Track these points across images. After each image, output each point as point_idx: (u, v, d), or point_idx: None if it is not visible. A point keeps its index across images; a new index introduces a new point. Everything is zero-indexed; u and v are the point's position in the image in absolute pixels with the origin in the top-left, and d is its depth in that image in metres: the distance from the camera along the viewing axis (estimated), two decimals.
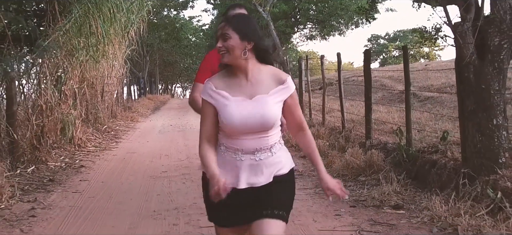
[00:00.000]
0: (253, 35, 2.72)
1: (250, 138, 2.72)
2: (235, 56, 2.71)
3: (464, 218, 4.99)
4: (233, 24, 2.73)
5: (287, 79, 2.79)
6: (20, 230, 5.45)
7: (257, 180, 2.74)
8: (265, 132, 2.73)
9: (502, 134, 5.84)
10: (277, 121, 2.75)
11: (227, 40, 2.69)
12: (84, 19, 11.51)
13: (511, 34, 5.81)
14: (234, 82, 2.76)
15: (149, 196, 7.05)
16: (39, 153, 9.58)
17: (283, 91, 2.77)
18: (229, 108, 2.70)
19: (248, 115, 2.68)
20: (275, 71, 2.82)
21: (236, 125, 2.68)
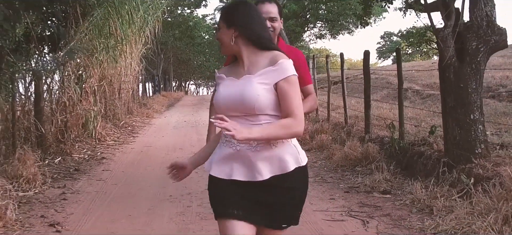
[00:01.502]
0: (238, 21, 2.67)
1: (241, 121, 2.58)
2: (226, 45, 2.72)
3: (440, 201, 5.73)
4: (222, 13, 2.76)
5: (281, 60, 2.63)
6: (55, 210, 6.27)
7: (254, 175, 2.62)
8: (255, 117, 2.60)
9: (478, 128, 6.58)
10: (261, 102, 2.57)
11: (219, 31, 2.73)
12: (104, 21, 12.36)
13: (487, 39, 6.54)
14: (236, 68, 2.75)
15: (165, 183, 7.83)
16: (64, 146, 10.42)
17: (273, 73, 2.60)
18: (219, 87, 2.74)
19: (231, 94, 2.63)
20: (274, 54, 2.67)
21: (220, 104, 2.68)
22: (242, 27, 2.66)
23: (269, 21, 3.51)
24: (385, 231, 5.23)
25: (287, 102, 2.59)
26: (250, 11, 2.71)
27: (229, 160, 2.64)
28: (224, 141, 2.68)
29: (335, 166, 8.60)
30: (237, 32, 2.67)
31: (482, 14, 6.55)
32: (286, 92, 2.59)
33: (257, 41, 2.68)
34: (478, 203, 5.10)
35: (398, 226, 5.36)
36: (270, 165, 2.60)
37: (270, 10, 3.58)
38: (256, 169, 2.60)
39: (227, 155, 2.65)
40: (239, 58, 2.73)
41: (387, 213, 5.82)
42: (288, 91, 2.59)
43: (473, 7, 6.60)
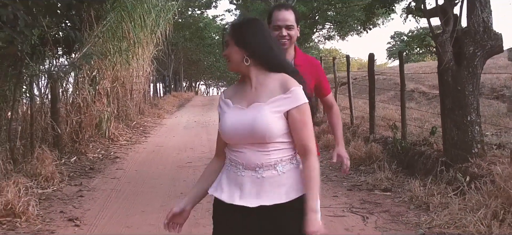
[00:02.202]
0: (250, 40, 2.56)
1: (249, 150, 2.52)
2: (235, 63, 2.60)
3: (436, 198, 6.06)
4: (232, 30, 2.62)
5: (293, 88, 2.52)
6: (73, 206, 6.65)
7: (258, 200, 2.50)
8: (263, 146, 2.50)
9: (475, 129, 6.89)
10: (272, 132, 2.48)
11: (227, 47, 2.61)
12: (118, 24, 12.76)
13: (483, 44, 6.85)
14: (242, 89, 2.63)
15: (177, 182, 8.21)
16: (79, 145, 10.82)
17: (285, 101, 2.50)
18: (225, 115, 2.59)
19: (239, 124, 2.52)
20: (284, 79, 2.56)
21: (226, 134, 2.56)
22: (253, 48, 2.55)
23: (286, 29, 3.40)
24: (383, 226, 5.56)
25: (301, 133, 2.52)
26: (263, 31, 2.61)
27: (233, 184, 2.55)
28: (229, 164, 2.61)
29: (339, 165, 8.91)
30: (248, 52, 2.56)
31: (479, 20, 6.86)
32: (298, 122, 2.51)
33: (268, 64, 2.58)
34: (470, 200, 5.43)
35: (395, 221, 5.69)
36: (276, 192, 2.50)
37: (287, 18, 3.42)
38: (260, 196, 2.50)
39: (232, 179, 2.57)
40: (246, 77, 2.63)
41: (386, 209, 6.15)
42: (301, 121, 2.51)
43: (471, 13, 6.91)
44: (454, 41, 7.01)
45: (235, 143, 2.55)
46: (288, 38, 3.41)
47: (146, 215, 6.21)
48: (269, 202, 2.49)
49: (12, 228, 5.58)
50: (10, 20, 6.50)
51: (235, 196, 2.52)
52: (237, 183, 2.54)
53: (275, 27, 3.41)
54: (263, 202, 2.48)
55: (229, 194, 2.55)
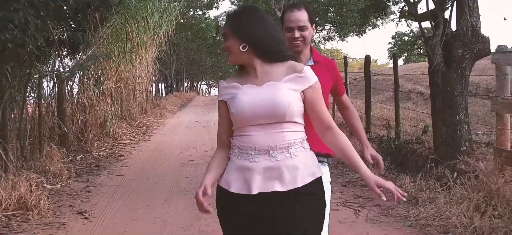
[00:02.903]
0: (249, 30, 2.52)
1: (262, 132, 2.46)
2: (235, 54, 2.55)
3: (425, 193, 6.40)
4: (229, 20, 2.57)
5: (305, 67, 2.54)
6: (81, 201, 7.01)
7: (273, 185, 2.45)
8: (279, 125, 2.46)
9: (463, 128, 7.24)
10: (293, 109, 2.46)
11: (226, 40, 2.56)
12: (122, 27, 13.12)
13: (472, 47, 7.20)
14: (245, 77, 2.58)
15: (179, 179, 8.56)
16: (85, 144, 11.20)
17: (300, 80, 2.51)
18: (238, 95, 2.51)
19: (258, 100, 2.46)
20: (290, 63, 2.56)
21: (245, 112, 2.46)
22: (254, 37, 2.51)
23: (298, 30, 3.24)
24: (373, 218, 5.91)
25: (319, 110, 2.54)
26: (262, 18, 2.57)
27: (245, 173, 2.48)
28: (238, 153, 2.53)
29: (336, 163, 9.26)
30: (249, 42, 2.51)
31: (468, 24, 7.21)
32: (315, 100, 2.52)
33: (271, 52, 2.54)
34: (455, 194, 5.77)
35: (385, 214, 6.04)
36: (289, 176, 2.46)
37: (299, 18, 3.24)
38: (274, 181, 2.45)
39: (243, 168, 2.50)
40: (249, 67, 2.58)
41: (378, 203, 6.49)
42: (317, 97, 2.54)
43: (460, 17, 7.26)
44: (444, 44, 7.35)
45: (249, 123, 2.48)
46: (301, 40, 3.26)
47: (151, 209, 6.56)
48: (284, 188, 2.44)
49: (25, 221, 5.94)
50: (21, 24, 6.83)
51: (251, 185, 2.45)
52: (249, 172, 2.46)
53: (287, 29, 3.27)
54: (279, 187, 2.44)
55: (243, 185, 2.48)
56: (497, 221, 5.01)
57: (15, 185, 6.35)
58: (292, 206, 2.46)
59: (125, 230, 5.74)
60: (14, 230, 5.62)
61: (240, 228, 2.54)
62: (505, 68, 6.16)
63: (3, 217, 5.88)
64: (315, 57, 3.36)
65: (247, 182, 2.47)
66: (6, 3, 7.02)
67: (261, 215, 2.47)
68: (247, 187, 2.47)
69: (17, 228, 5.70)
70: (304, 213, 2.47)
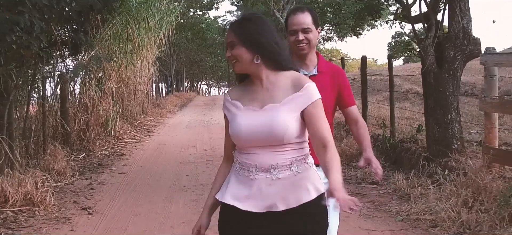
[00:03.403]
0: (258, 39, 2.46)
1: (262, 151, 2.44)
2: (245, 64, 2.48)
3: (417, 189, 6.64)
4: (236, 29, 2.49)
5: (307, 84, 2.48)
6: (85, 197, 7.25)
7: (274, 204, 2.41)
8: (279, 146, 2.43)
9: (455, 127, 7.48)
10: (291, 133, 2.42)
11: (234, 47, 2.48)
12: (123, 28, 13.37)
13: (463, 48, 7.43)
14: (250, 90, 2.54)
15: (180, 176, 8.80)
16: (87, 143, 11.44)
17: (300, 99, 2.45)
18: (237, 118, 2.49)
19: (255, 127, 2.43)
20: (295, 76, 2.52)
21: (242, 137, 2.47)
22: (263, 46, 2.47)
23: (302, 33, 3.20)
24: (367, 214, 6.15)
25: (317, 127, 2.45)
26: (268, 27, 2.53)
27: (246, 189, 2.45)
28: (239, 169, 2.51)
29: None
30: (259, 51, 2.47)
31: (459, 26, 7.44)
32: (314, 116, 2.45)
33: (277, 61, 2.51)
34: (445, 190, 6.02)
35: (378, 210, 6.28)
36: (292, 194, 2.42)
37: (302, 21, 3.20)
38: (276, 199, 2.41)
39: (244, 184, 2.47)
40: (255, 78, 2.54)
41: (372, 199, 6.74)
42: (317, 115, 2.46)
43: (452, 20, 7.50)
44: (436, 45, 7.59)
45: (247, 144, 2.47)
46: (306, 42, 3.21)
47: (153, 205, 6.80)
48: (285, 206, 2.41)
49: (31, 216, 6.18)
50: (27, 27, 7.06)
51: (250, 202, 2.43)
52: (249, 188, 2.44)
53: (291, 32, 3.24)
54: (280, 206, 2.40)
55: (241, 200, 2.46)
56: (484, 215, 5.25)
57: (22, 182, 6.58)
58: (294, 225, 2.43)
59: (128, 225, 5.98)
60: (22, 225, 5.86)
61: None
62: (493, 69, 6.41)
63: (11, 213, 6.12)
64: (320, 67, 3.30)
65: (246, 199, 2.44)
66: (12, 6, 7.28)
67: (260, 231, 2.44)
68: (245, 204, 2.44)
69: (24, 223, 5.94)
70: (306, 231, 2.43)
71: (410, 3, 8.55)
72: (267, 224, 2.42)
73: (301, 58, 3.27)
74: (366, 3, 13.02)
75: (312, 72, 3.26)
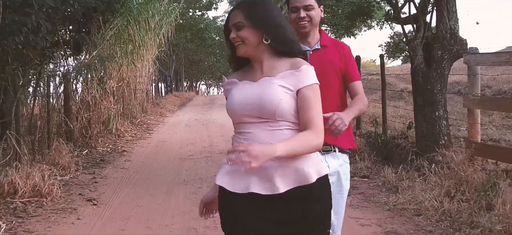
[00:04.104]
0: (269, 21, 2.43)
1: (261, 130, 2.37)
2: (251, 47, 2.44)
3: (405, 182, 7.00)
4: (245, 10, 2.44)
5: (305, 66, 2.41)
6: (89, 190, 7.61)
7: (274, 185, 2.34)
8: (276, 123, 2.36)
9: (442, 123, 7.85)
10: (283, 108, 2.35)
11: (241, 29, 2.42)
12: (124, 28, 13.72)
13: (450, 48, 7.80)
14: (249, 73, 2.52)
15: (180, 171, 9.15)
16: (89, 140, 11.80)
17: (296, 77, 2.39)
18: (232, 90, 2.49)
19: (247, 98, 2.40)
20: (295, 60, 2.46)
21: (234, 109, 2.43)
22: (273, 28, 2.43)
23: (304, 10, 3.12)
24: (356, 204, 6.51)
25: (308, 110, 2.37)
26: (277, 10, 2.53)
27: (245, 172, 2.33)
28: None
29: None
30: (268, 33, 2.43)
31: (447, 27, 7.81)
32: (307, 99, 2.38)
33: (284, 46, 2.47)
34: (430, 182, 6.38)
35: (367, 201, 6.65)
36: (292, 176, 2.35)
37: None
38: (276, 181, 2.34)
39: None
40: (255, 61, 2.51)
41: (362, 192, 7.10)
42: (310, 98, 2.38)
43: (439, 21, 7.87)
44: (425, 45, 7.96)
45: (242, 119, 2.43)
46: (308, 20, 3.12)
47: (154, 197, 7.16)
48: (287, 187, 2.35)
49: (40, 206, 6.53)
50: (34, 28, 7.41)
51: (251, 185, 2.36)
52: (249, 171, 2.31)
53: (293, 9, 3.16)
54: (281, 188, 2.33)
55: (240, 183, 2.39)
56: (464, 204, 5.61)
57: (30, 175, 6.92)
58: (296, 208, 2.38)
59: (130, 215, 6.33)
60: (31, 214, 6.22)
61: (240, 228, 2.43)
62: (475, 68, 6.78)
63: (20, 203, 6.47)
64: (323, 41, 3.21)
65: (245, 180, 2.38)
66: (19, 8, 7.63)
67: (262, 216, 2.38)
68: (247, 186, 2.37)
69: (33, 212, 6.30)
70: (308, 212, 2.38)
71: (400, 5, 8.91)
72: (270, 208, 2.35)
73: (303, 36, 3.15)
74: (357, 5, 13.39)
75: (314, 47, 3.19)
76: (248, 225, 2.38)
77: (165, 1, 19.23)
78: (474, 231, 5.02)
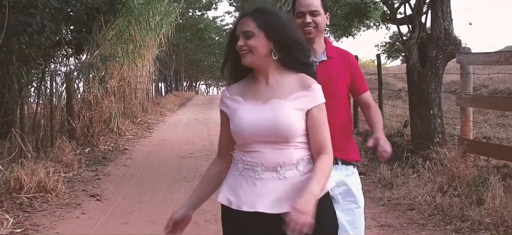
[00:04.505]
0: (282, 32, 2.35)
1: (269, 149, 2.33)
2: (260, 57, 2.36)
3: (400, 178, 7.20)
4: (259, 18, 2.36)
5: (314, 85, 2.37)
6: (92, 186, 7.80)
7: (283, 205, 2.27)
8: (285, 144, 2.32)
9: (437, 121, 8.05)
10: (296, 131, 2.32)
11: (250, 38, 2.34)
12: (125, 29, 13.92)
13: (444, 48, 8.00)
14: (252, 87, 2.43)
15: (180, 169, 9.35)
16: (91, 138, 11.99)
17: (307, 98, 2.35)
18: (239, 112, 2.38)
19: (259, 121, 2.32)
20: (302, 77, 2.40)
21: (245, 132, 2.35)
22: (286, 41, 2.37)
23: (310, 15, 3.02)
24: None
25: (319, 133, 2.36)
26: (290, 22, 2.46)
27: (250, 190, 2.33)
28: (242, 169, 2.38)
29: None
30: (278, 46, 2.37)
31: (441, 27, 8.01)
32: (318, 121, 2.36)
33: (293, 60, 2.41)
34: (423, 177, 6.58)
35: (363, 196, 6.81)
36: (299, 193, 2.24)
37: (310, 3, 3.05)
38: (284, 199, 2.29)
39: (246, 183, 2.36)
40: (260, 73, 2.43)
41: None
42: (320, 120, 2.36)
43: (434, 22, 8.07)
44: (420, 45, 8.17)
45: (250, 142, 2.35)
46: (314, 26, 3.03)
47: (156, 193, 7.35)
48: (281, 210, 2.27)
49: (45, 201, 6.73)
50: (39, 28, 7.61)
51: (257, 203, 2.31)
52: (255, 187, 2.32)
53: (298, 14, 3.06)
54: (286, 208, 2.22)
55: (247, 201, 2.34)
56: (456, 199, 5.81)
57: (35, 171, 7.12)
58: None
59: (133, 209, 6.53)
60: (37, 209, 6.41)
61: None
62: (468, 67, 6.98)
63: (26, 199, 6.66)
64: (329, 52, 3.12)
65: (252, 198, 2.33)
66: (24, 9, 7.83)
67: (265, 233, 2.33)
68: (253, 205, 2.32)
69: (39, 207, 6.49)
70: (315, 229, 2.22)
71: (396, 6, 9.11)
72: (274, 225, 2.26)
73: (308, 42, 2.89)
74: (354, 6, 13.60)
75: (321, 58, 3.10)
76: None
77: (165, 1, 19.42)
78: (464, 224, 5.23)
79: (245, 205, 2.33)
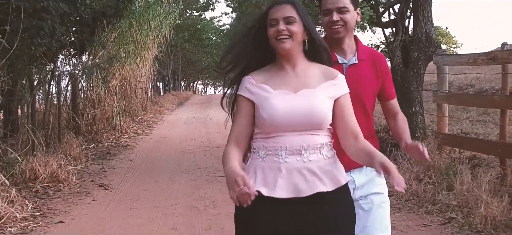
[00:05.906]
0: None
1: (294, 134, 2.33)
2: (296, 44, 2.40)
3: None
4: (298, 7, 2.41)
5: (340, 75, 2.45)
6: (99, 178, 8.45)
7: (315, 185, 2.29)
8: (314, 131, 2.34)
9: (418, 118, 8.71)
10: (327, 119, 2.35)
11: (292, 23, 2.38)
12: (127, 30, 14.56)
13: (425, 50, 8.66)
14: (278, 75, 2.44)
15: (181, 162, 9.99)
16: (95, 135, 12.64)
17: (335, 88, 2.41)
18: (271, 100, 2.35)
19: (294, 110, 2.32)
20: (326, 68, 2.47)
21: (280, 120, 2.32)
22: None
23: (338, 13, 2.75)
24: None
25: (350, 119, 2.40)
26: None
27: (271, 174, 2.32)
28: (263, 155, 2.37)
29: None
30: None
31: (422, 31, 8.67)
32: (347, 108, 2.41)
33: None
34: (402, 168, 7.23)
35: None
36: (322, 178, 2.31)
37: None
38: (305, 184, 2.30)
39: (269, 169, 2.34)
40: (288, 62, 2.44)
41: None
42: (348, 107, 2.42)
43: (416, 26, 8.73)
44: (403, 47, 8.82)
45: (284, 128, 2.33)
46: (342, 24, 2.75)
47: (159, 183, 8.00)
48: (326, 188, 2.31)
49: (58, 190, 7.37)
50: (50, 31, 8.24)
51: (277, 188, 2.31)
52: (278, 172, 2.31)
53: (325, 12, 2.79)
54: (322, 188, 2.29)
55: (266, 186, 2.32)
56: (429, 186, 6.47)
57: (47, 163, 7.76)
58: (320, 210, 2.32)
59: (139, 197, 7.17)
60: (51, 197, 7.05)
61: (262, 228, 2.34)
62: (443, 68, 7.64)
63: (41, 188, 7.30)
64: (360, 54, 2.86)
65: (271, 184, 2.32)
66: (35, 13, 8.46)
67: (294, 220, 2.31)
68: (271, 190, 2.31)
69: (53, 195, 7.13)
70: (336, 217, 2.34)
71: (382, 11, 9.78)
72: (296, 213, 2.30)
73: (337, 42, 2.82)
74: None
75: (351, 61, 2.84)
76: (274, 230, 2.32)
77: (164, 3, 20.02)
78: (434, 206, 5.91)
79: (267, 189, 2.30)
